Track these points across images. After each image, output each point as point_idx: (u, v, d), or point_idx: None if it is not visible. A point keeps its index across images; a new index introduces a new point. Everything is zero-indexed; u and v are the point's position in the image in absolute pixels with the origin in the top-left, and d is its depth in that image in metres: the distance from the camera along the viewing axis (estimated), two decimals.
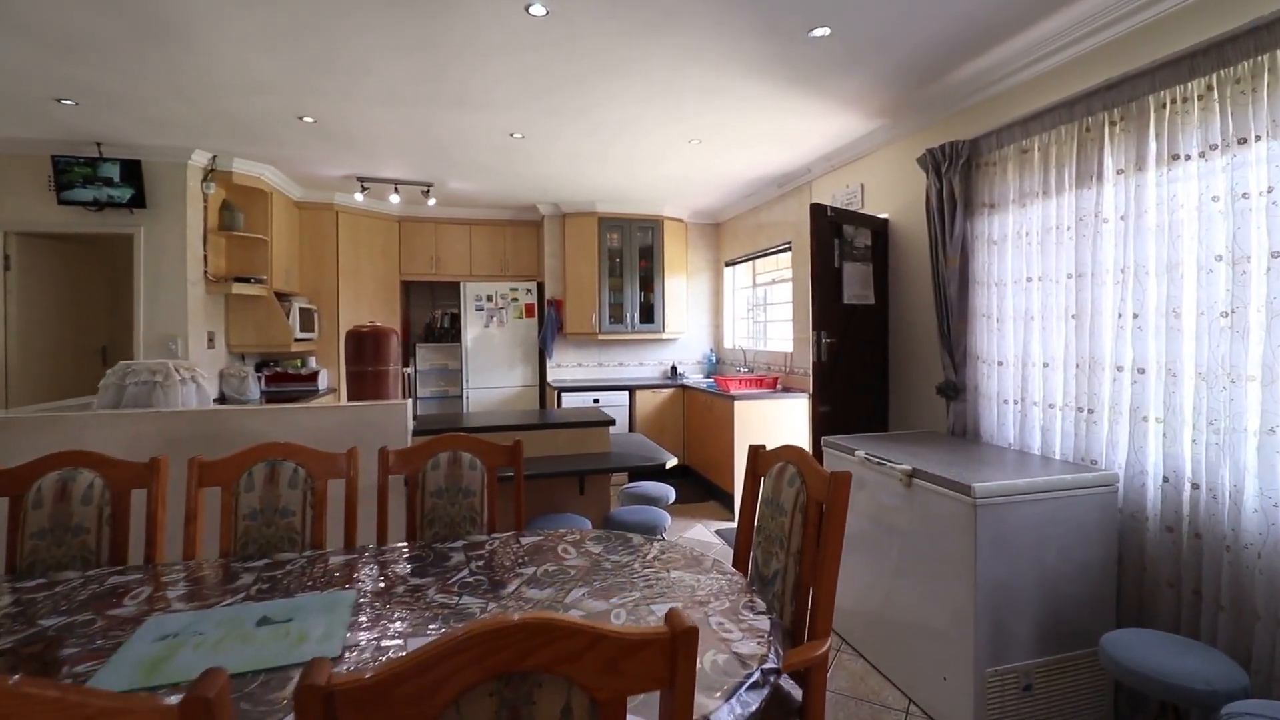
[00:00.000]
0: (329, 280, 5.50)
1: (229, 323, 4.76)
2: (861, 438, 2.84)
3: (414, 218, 6.03)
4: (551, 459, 3.06)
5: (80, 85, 3.04)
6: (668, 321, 5.98)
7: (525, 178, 4.83)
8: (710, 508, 4.79)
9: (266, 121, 3.56)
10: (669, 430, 5.65)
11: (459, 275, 6.15)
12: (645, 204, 5.80)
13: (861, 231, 3.45)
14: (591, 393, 5.48)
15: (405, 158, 4.31)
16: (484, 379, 5.99)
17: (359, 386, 3.03)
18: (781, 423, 4.58)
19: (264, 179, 4.61)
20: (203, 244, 4.36)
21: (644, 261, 5.98)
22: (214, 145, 4.06)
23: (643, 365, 6.26)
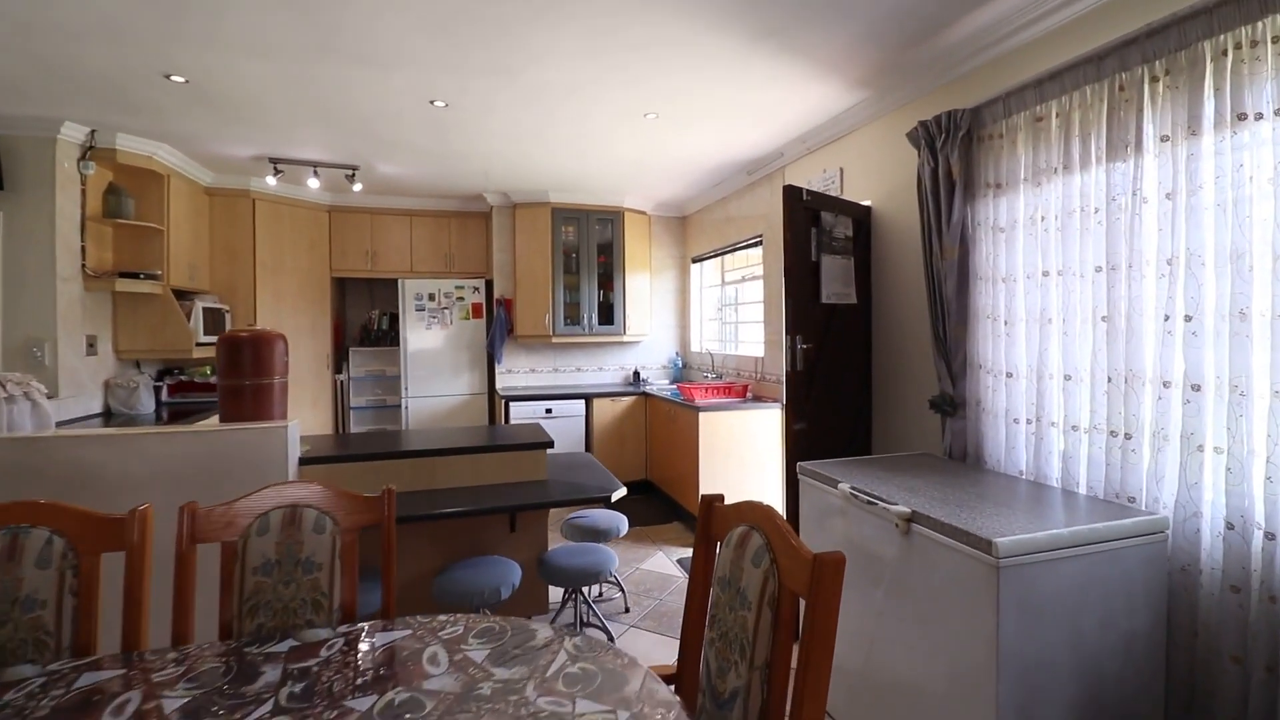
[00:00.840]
0: (244, 277, 4.87)
1: (117, 325, 4.11)
2: (844, 464, 2.36)
3: (346, 207, 5.43)
4: (473, 491, 2.53)
5: None
6: (629, 323, 5.47)
7: (465, 161, 4.27)
8: (674, 530, 4.29)
9: (131, 81, 2.95)
10: (630, 442, 5.14)
11: (398, 271, 5.55)
12: (604, 194, 5.28)
13: (842, 220, 2.98)
14: (543, 402, 4.94)
15: (317, 134, 3.72)
16: (426, 387, 5.41)
17: (235, 405, 2.47)
18: (752, 436, 4.10)
19: (158, 159, 3.98)
20: (80, 233, 3.71)
21: (603, 257, 5.45)
22: (86, 116, 3.43)
23: (602, 370, 5.74)
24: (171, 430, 2.25)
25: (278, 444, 2.31)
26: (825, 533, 2.22)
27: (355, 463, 2.51)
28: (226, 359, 2.44)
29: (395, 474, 2.55)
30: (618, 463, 5.09)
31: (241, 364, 2.46)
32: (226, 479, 2.26)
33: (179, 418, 3.95)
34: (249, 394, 2.47)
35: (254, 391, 2.48)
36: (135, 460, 2.21)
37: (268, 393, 2.51)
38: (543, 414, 4.93)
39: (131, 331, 4.13)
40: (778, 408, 4.12)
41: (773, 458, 4.12)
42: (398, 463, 2.54)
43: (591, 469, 2.90)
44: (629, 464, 5.13)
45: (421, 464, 2.56)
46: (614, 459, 5.08)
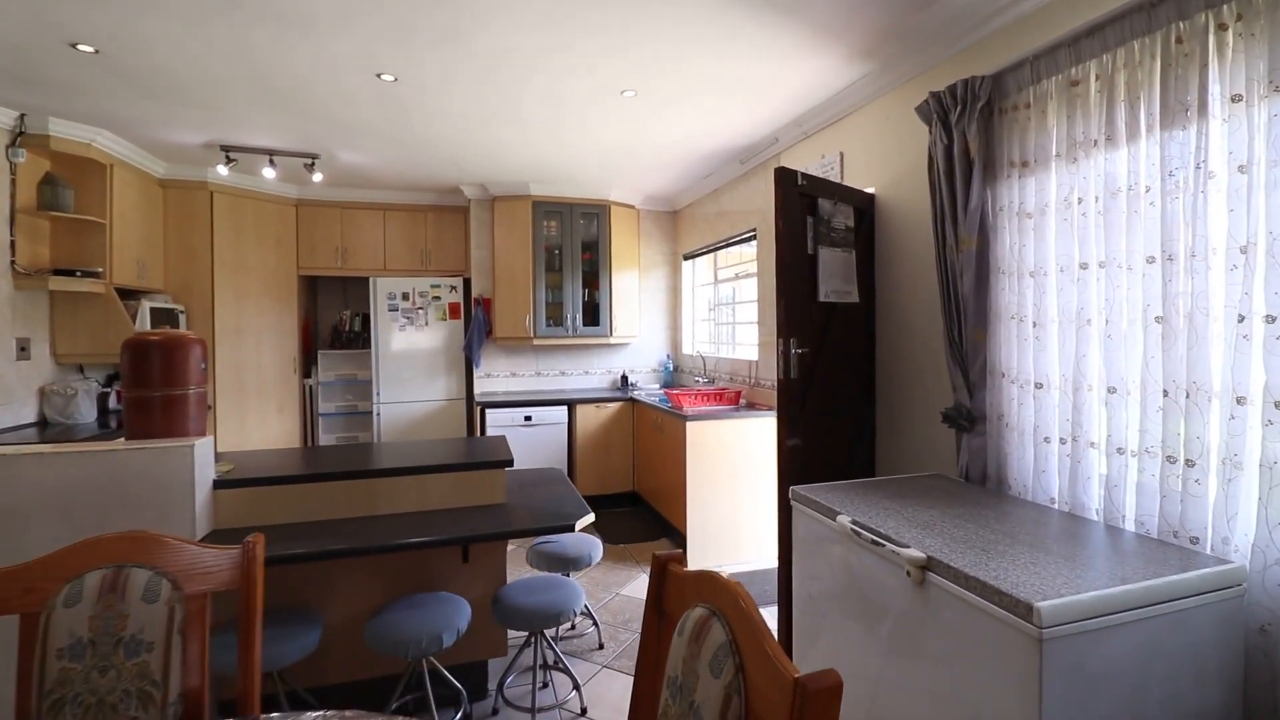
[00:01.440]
0: (201, 275, 4.54)
1: (55, 326, 3.78)
2: (845, 489, 2.03)
3: (315, 201, 5.10)
4: (420, 518, 2.20)
5: None
6: (616, 324, 5.13)
7: (433, 148, 3.94)
8: (660, 549, 3.95)
9: (35, 52, 2.62)
10: (616, 451, 4.81)
11: (370, 270, 5.22)
12: (588, 186, 4.95)
13: (842, 209, 2.65)
14: (522, 409, 4.61)
15: (268, 118, 3.40)
16: (399, 392, 5.08)
17: (142, 420, 2.14)
18: (746, 447, 3.76)
19: (97, 145, 3.65)
20: (9, 227, 3.39)
21: (588, 254, 5.12)
22: (7, 97, 3.10)
23: (588, 374, 5.40)
24: (52, 450, 1.92)
25: (181, 466, 1.98)
26: (822, 565, 1.88)
27: (283, 485, 2.18)
28: (131, 367, 2.11)
29: (329, 499, 2.21)
30: (602, 473, 4.76)
31: (149, 372, 2.13)
32: (119, 509, 1.94)
33: None
34: (158, 407, 2.14)
35: (164, 404, 2.15)
36: (3, 485, 1.88)
37: (180, 405, 2.18)
38: (521, 422, 4.60)
39: (71, 334, 3.80)
40: (773, 416, 3.78)
41: (769, 471, 3.78)
42: (331, 486, 2.21)
43: (559, 490, 2.56)
44: (615, 474, 4.80)
45: (359, 487, 2.23)
46: (598, 469, 4.75)
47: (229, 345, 4.65)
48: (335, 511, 2.22)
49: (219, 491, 2.14)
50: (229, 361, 4.65)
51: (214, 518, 2.13)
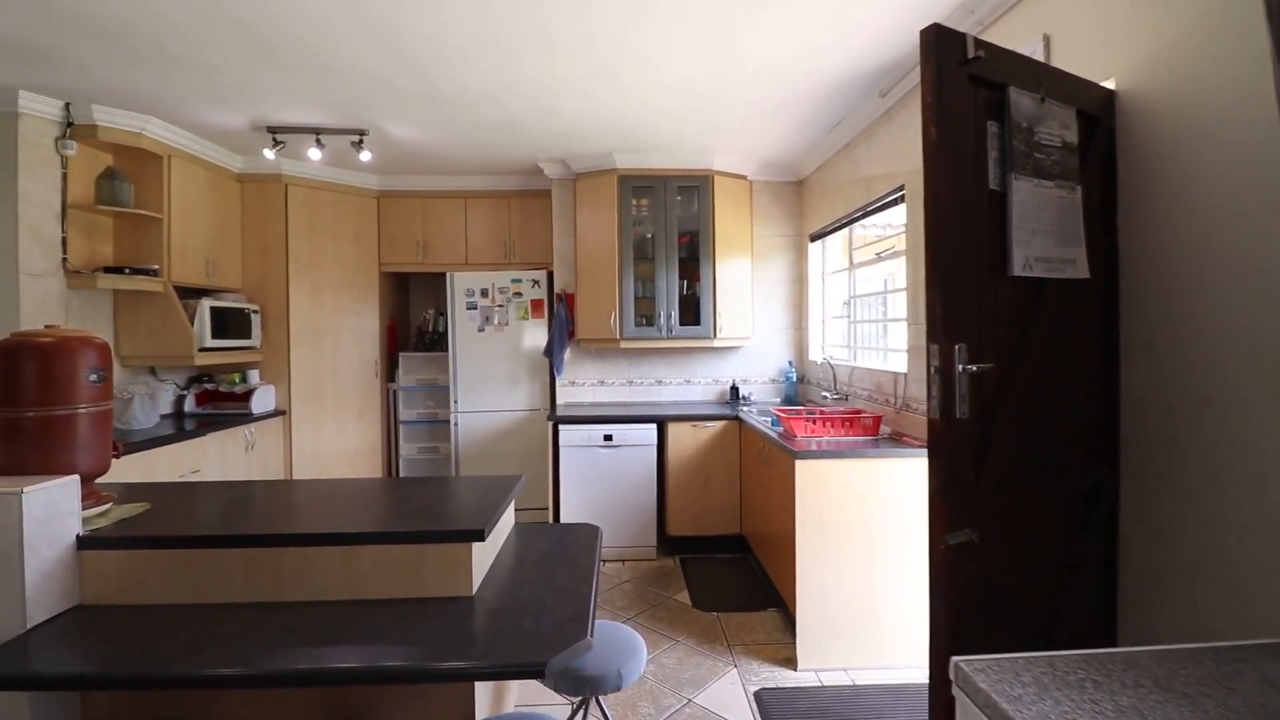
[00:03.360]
0: (276, 272, 4.28)
1: (118, 327, 3.63)
2: (1069, 665, 0.92)
3: (396, 192, 4.70)
4: (339, 611, 1.44)
5: None
6: (722, 323, 4.15)
7: (491, 107, 3.25)
8: (764, 627, 2.92)
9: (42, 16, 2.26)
10: (719, 483, 3.83)
11: (452, 264, 4.73)
12: (686, 151, 4.02)
13: (1055, 111, 1.49)
14: (601, 426, 3.80)
15: (292, 81, 2.89)
16: (477, 400, 4.52)
17: (11, 449, 1.61)
18: (887, 497, 2.61)
19: (148, 135, 3.41)
20: (60, 223, 3.22)
21: (686, 237, 4.20)
22: (24, 80, 2.86)
23: (689, 384, 4.47)
24: None
25: (5, 521, 1.38)
26: None
27: (163, 550, 1.53)
28: (3, 380, 1.57)
29: (223, 571, 1.53)
30: (700, 510, 3.81)
31: (21, 387, 1.58)
32: None
33: (193, 433, 3.36)
34: (31, 432, 1.58)
35: (39, 428, 1.59)
36: None
37: (61, 430, 1.61)
38: (599, 441, 3.79)
39: (134, 335, 3.63)
40: None
41: (924, 540, 2.61)
42: (225, 554, 1.52)
43: (575, 572, 1.68)
44: (716, 513, 3.83)
45: (263, 558, 1.52)
46: (695, 505, 3.81)
47: (305, 347, 4.36)
48: (229, 590, 1.53)
49: (87, 554, 1.53)
50: (305, 365, 4.36)
51: (79, 588, 1.53)
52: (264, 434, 4.07)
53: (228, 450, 3.72)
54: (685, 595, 3.26)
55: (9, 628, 1.39)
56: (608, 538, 3.76)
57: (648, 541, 3.78)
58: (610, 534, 3.77)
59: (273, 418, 4.16)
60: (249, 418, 3.93)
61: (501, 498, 1.76)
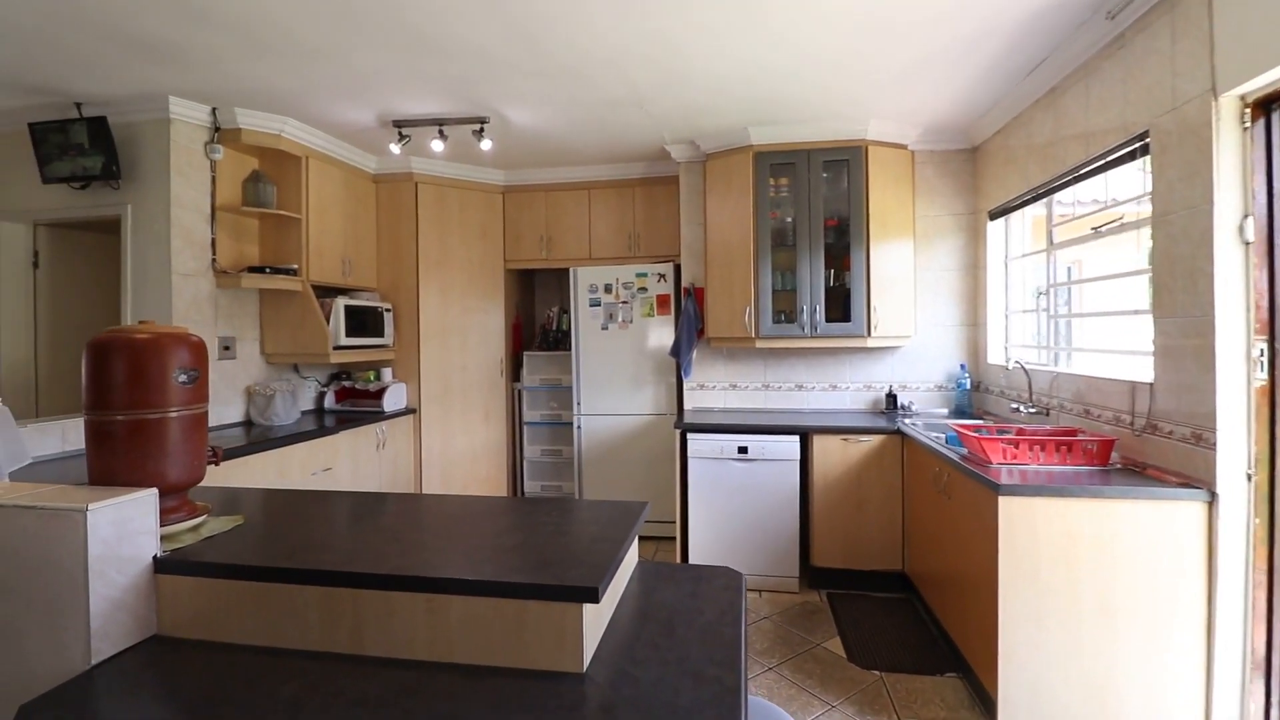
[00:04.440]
0: (408, 271, 4.28)
1: (263, 326, 3.74)
2: None
3: (521, 186, 4.56)
4: (422, 675, 1.13)
5: None
6: (878, 319, 3.54)
7: (609, 71, 2.92)
8: (947, 694, 2.33)
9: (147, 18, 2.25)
10: (875, 508, 3.24)
11: (575, 259, 4.50)
12: (835, 119, 3.47)
13: None
14: (735, 437, 3.35)
15: (407, 64, 2.74)
16: (599, 403, 4.26)
17: (103, 456, 1.48)
18: (1125, 553, 1.94)
19: (287, 136, 3.47)
20: (210, 224, 3.34)
21: (833, 220, 3.64)
22: (165, 84, 2.93)
23: (835, 390, 3.89)
24: None
25: (70, 541, 1.22)
26: None
27: (243, 581, 1.31)
28: (90, 378, 1.45)
29: (295, 611, 1.29)
30: (852, 540, 3.24)
31: (110, 387, 1.44)
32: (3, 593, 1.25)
33: (325, 431, 3.38)
34: (122, 437, 1.44)
35: (129, 433, 1.45)
36: None
37: (151, 436, 1.46)
38: (734, 454, 3.34)
39: (276, 333, 3.73)
40: (1198, 499, 1.89)
41: (1192, 610, 1.91)
42: (300, 590, 1.28)
43: (711, 661, 1.26)
44: (871, 544, 3.24)
45: (342, 599, 1.26)
46: (846, 534, 3.25)
47: (434, 346, 4.32)
48: (305, 635, 1.28)
49: (165, 578, 1.35)
50: (434, 363, 4.32)
51: (156, 615, 1.35)
52: (394, 432, 4.06)
53: (359, 448, 3.71)
54: (838, 643, 2.73)
55: (72, 663, 1.22)
56: (742, 562, 3.31)
57: (789, 571, 3.28)
58: (745, 559, 3.31)
59: (403, 416, 4.15)
60: (381, 415, 3.93)
61: (621, 538, 1.39)
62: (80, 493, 1.32)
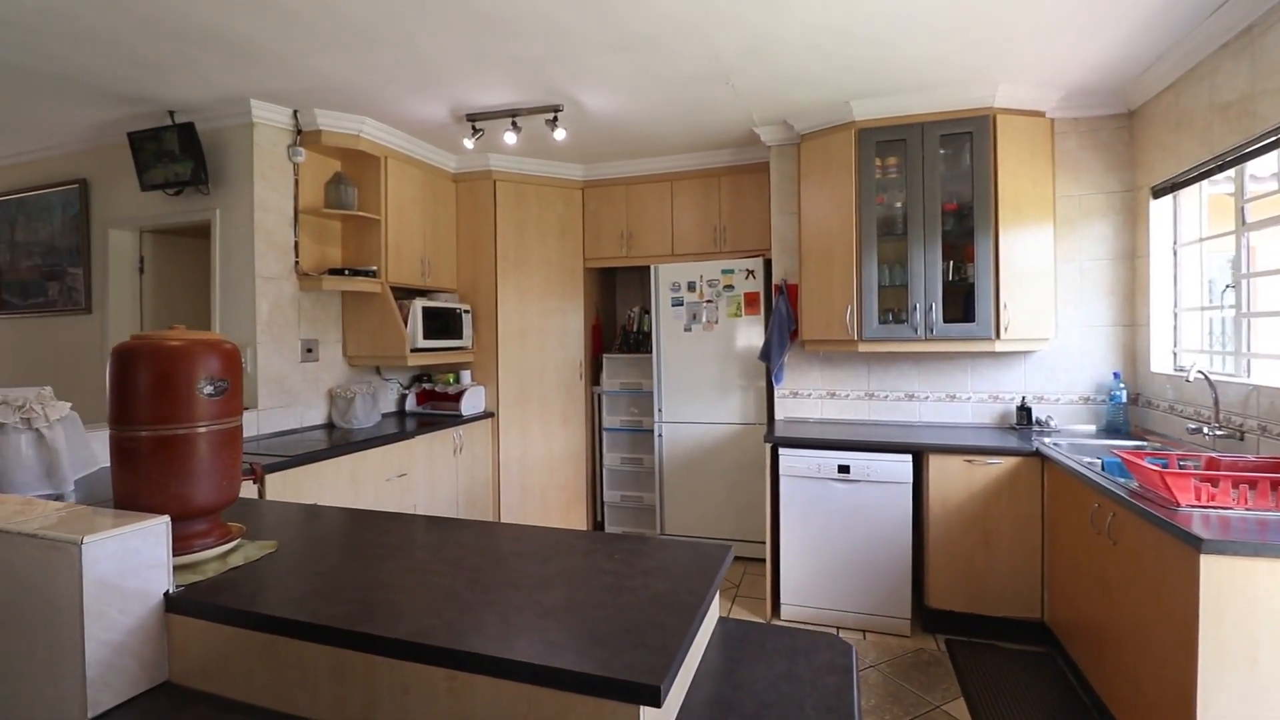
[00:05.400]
0: (486, 272, 4.17)
1: (345, 328, 3.73)
2: None
3: (599, 181, 4.35)
4: None
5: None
6: (1009, 319, 3.02)
7: (703, 50, 2.61)
8: None
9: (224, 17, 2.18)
10: (1006, 543, 2.74)
11: (657, 255, 4.23)
12: (955, 85, 2.98)
13: None
14: (838, 454, 2.95)
15: (469, 44, 2.56)
16: (682, 409, 3.96)
17: (130, 474, 1.34)
18: None
19: (365, 136, 3.41)
20: (293, 227, 3.34)
21: (953, 204, 3.14)
22: (242, 86, 2.91)
23: (954, 400, 3.38)
24: None
25: (66, 576, 1.07)
26: None
27: (248, 631, 1.13)
28: (114, 392, 1.32)
29: (305, 673, 1.08)
30: (977, 580, 2.76)
31: (134, 399, 1.31)
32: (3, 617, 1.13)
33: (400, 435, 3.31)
34: (146, 454, 1.31)
35: (154, 450, 1.31)
36: None
37: (176, 453, 1.32)
38: (834, 474, 2.94)
39: (357, 335, 3.71)
40: None
41: None
42: (308, 649, 1.07)
43: None
44: (1003, 584, 2.74)
45: (354, 665, 1.04)
46: (970, 572, 2.77)
47: (512, 348, 4.19)
48: (314, 704, 1.07)
49: (176, 618, 1.19)
50: (512, 366, 4.20)
51: (166, 659, 1.20)
52: (472, 437, 3.96)
53: (436, 453, 3.62)
54: (962, 706, 2.28)
55: (68, 715, 1.07)
56: (842, 597, 2.91)
57: (898, 611, 2.84)
58: (845, 593, 2.91)
59: (482, 420, 4.05)
60: (459, 419, 3.83)
61: (696, 603, 1.08)
62: (88, 521, 1.18)
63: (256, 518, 1.69)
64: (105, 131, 3.41)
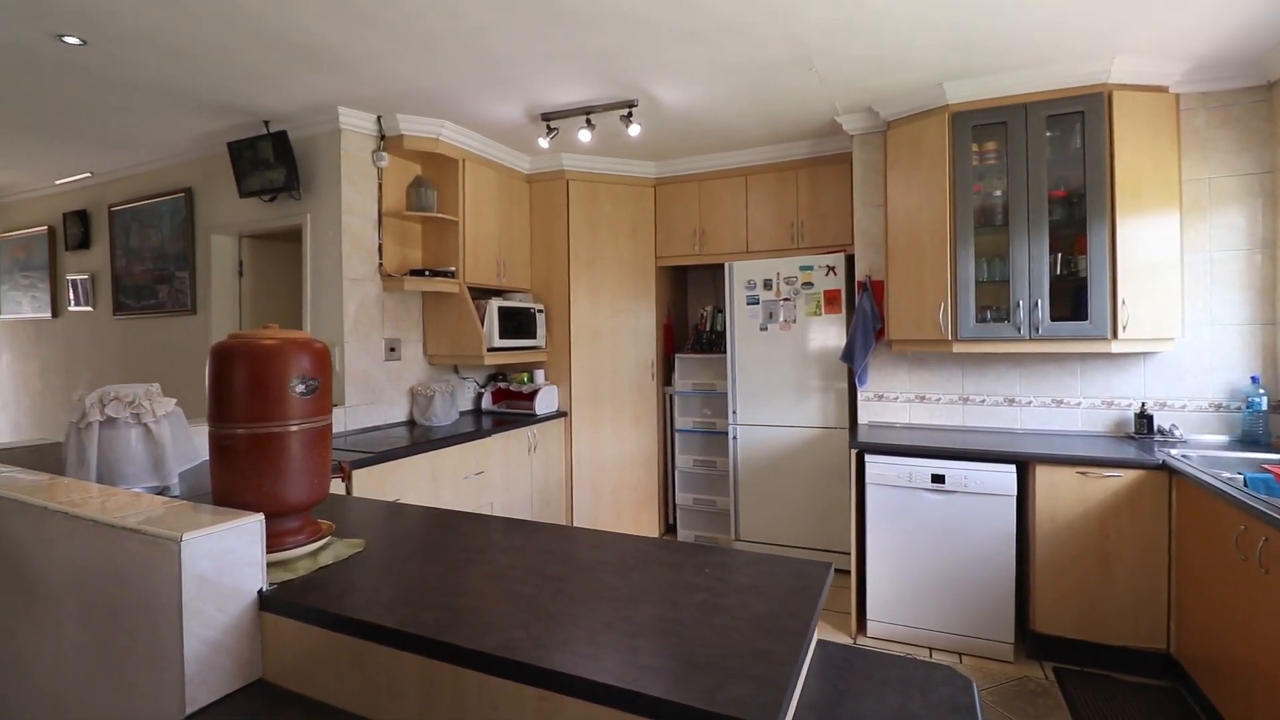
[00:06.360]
0: (559, 271, 4.18)
1: (426, 328, 3.81)
2: None
3: (671, 178, 4.28)
4: None
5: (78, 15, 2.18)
6: (1129, 317, 2.73)
7: (784, 33, 2.50)
8: None
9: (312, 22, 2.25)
10: (1126, 565, 2.48)
11: (730, 253, 4.12)
12: (1063, 61, 2.73)
13: None
14: (930, 462, 2.75)
15: (544, 39, 2.54)
16: (758, 411, 3.84)
17: (227, 472, 1.37)
18: None
19: (444, 139, 3.47)
20: (376, 230, 3.44)
21: (1061, 190, 2.88)
22: (332, 93, 3.00)
23: (1061, 406, 3.10)
24: (74, 512, 1.26)
25: (165, 570, 1.09)
26: None
27: (336, 634, 1.12)
28: (212, 389, 1.36)
29: (392, 682, 1.06)
30: (1091, 604, 2.51)
31: (231, 397, 1.34)
32: (112, 621, 1.18)
33: (477, 434, 3.35)
34: (240, 452, 1.33)
35: (250, 448, 1.34)
36: (42, 548, 1.31)
37: (269, 452, 1.34)
38: (926, 484, 2.75)
39: (437, 335, 3.79)
40: None
41: None
42: (396, 658, 1.05)
43: None
44: (1122, 610, 2.48)
45: (442, 677, 1.00)
46: (1083, 594, 2.52)
47: (584, 348, 4.19)
48: (402, 714, 1.04)
49: (269, 616, 1.20)
50: (584, 366, 4.19)
51: (262, 657, 1.21)
52: (545, 435, 3.97)
53: (511, 451, 3.65)
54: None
55: (168, 710, 1.09)
56: (935, 616, 2.71)
57: (999, 635, 2.62)
58: (938, 612, 2.71)
59: (555, 419, 4.06)
60: (533, 418, 3.85)
61: (801, 629, 0.99)
62: (188, 517, 1.21)
63: (344, 515, 1.71)
64: (207, 142, 3.61)
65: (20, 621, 1.35)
